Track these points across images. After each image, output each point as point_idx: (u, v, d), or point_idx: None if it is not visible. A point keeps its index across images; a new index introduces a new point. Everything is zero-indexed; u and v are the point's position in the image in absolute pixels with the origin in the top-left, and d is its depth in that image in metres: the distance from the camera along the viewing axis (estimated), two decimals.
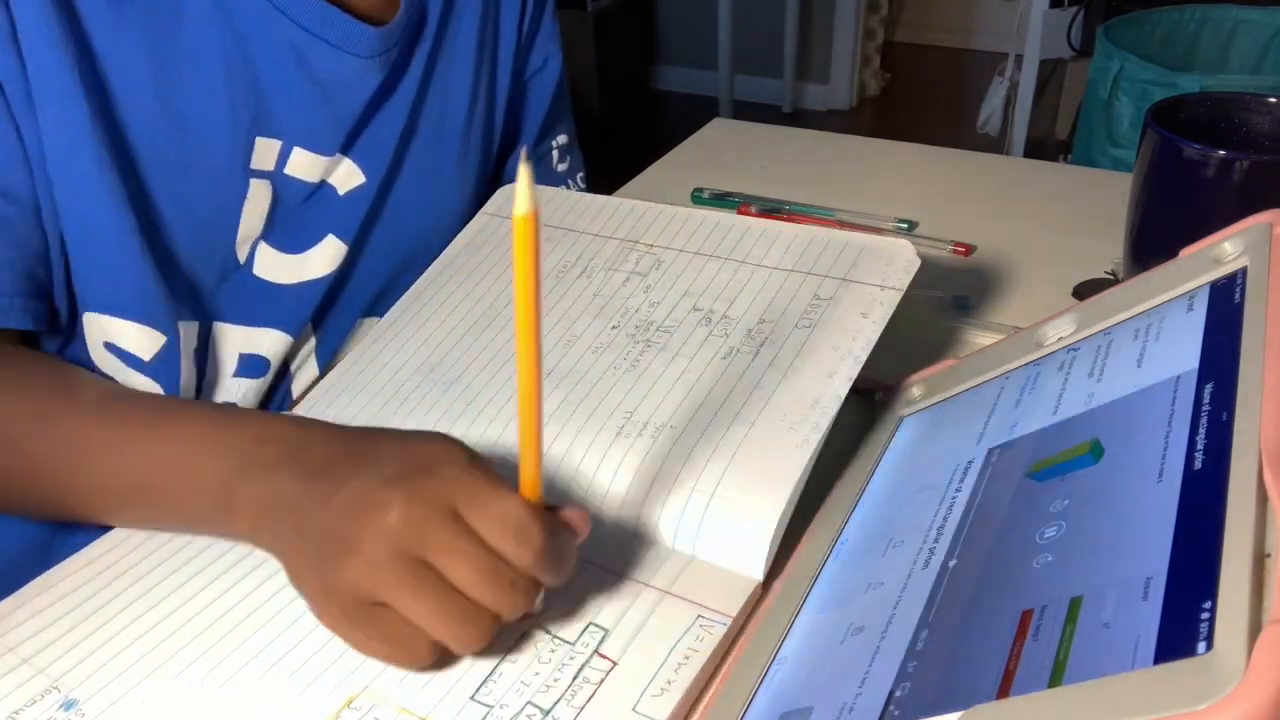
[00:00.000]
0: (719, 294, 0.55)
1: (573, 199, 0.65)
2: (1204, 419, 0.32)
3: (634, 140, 3.27)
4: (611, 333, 0.55)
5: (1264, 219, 0.39)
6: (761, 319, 0.53)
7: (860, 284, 0.53)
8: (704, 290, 0.55)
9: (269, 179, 0.56)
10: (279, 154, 0.56)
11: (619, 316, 0.56)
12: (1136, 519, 0.31)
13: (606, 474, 0.48)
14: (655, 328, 0.54)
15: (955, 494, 0.40)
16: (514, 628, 0.41)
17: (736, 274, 0.56)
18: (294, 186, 0.58)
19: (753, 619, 0.42)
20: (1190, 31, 1.95)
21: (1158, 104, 0.58)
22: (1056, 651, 0.28)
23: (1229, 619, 0.25)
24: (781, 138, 0.99)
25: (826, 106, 3.45)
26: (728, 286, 0.55)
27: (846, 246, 0.55)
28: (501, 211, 0.67)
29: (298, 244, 0.60)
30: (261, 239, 0.58)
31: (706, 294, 0.55)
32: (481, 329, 0.58)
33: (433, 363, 0.57)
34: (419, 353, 0.58)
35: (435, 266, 0.65)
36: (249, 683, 0.40)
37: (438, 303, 0.62)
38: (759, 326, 0.52)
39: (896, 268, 0.53)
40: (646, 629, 0.41)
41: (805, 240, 0.56)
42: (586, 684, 0.39)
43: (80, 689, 0.40)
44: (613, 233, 0.62)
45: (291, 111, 0.56)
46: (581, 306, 0.57)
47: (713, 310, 0.54)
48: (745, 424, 0.47)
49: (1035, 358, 0.45)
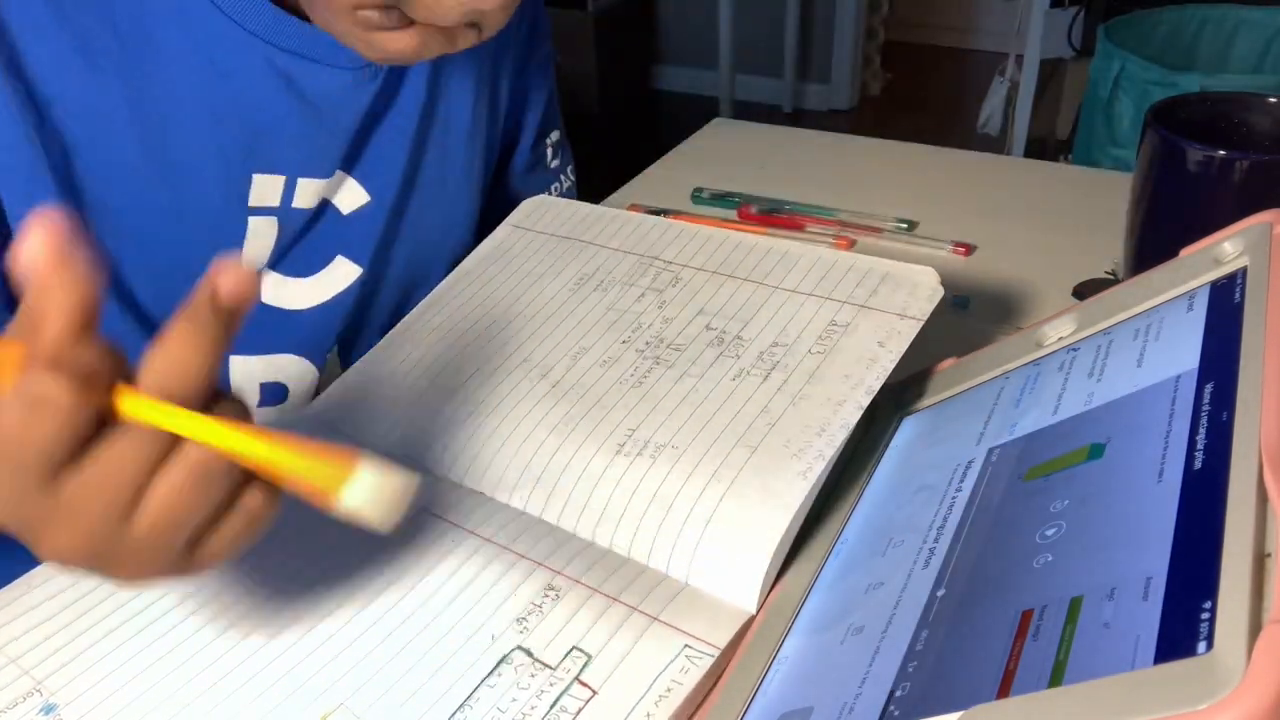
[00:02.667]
0: (734, 314, 0.54)
1: (595, 213, 0.65)
2: (1204, 419, 0.32)
3: (634, 140, 3.27)
4: (621, 347, 0.54)
5: (1264, 219, 0.39)
6: (775, 342, 0.51)
7: (879, 311, 0.51)
8: (719, 310, 0.55)
9: (274, 215, 0.55)
10: (284, 189, 0.55)
11: (630, 331, 0.55)
12: (1136, 519, 0.31)
13: (604, 492, 0.47)
14: (666, 345, 0.54)
15: (955, 494, 0.40)
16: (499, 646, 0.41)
17: (753, 295, 0.55)
18: (300, 215, 0.57)
19: (754, 619, 0.42)
20: (1190, 31, 1.95)
21: (1158, 104, 0.58)
22: (1056, 651, 0.28)
23: (1229, 619, 0.25)
24: (782, 138, 0.99)
25: (827, 106, 3.45)
26: (743, 307, 0.54)
27: (869, 273, 0.53)
28: (525, 224, 0.67)
29: (306, 267, 0.59)
30: (269, 268, 0.57)
31: (721, 314, 0.54)
32: (491, 336, 0.58)
33: (437, 369, 0.58)
34: (425, 358, 0.58)
35: (453, 276, 0.65)
36: (226, 694, 0.40)
37: (449, 311, 0.61)
38: (771, 350, 0.51)
39: (919, 296, 0.51)
40: (631, 657, 0.40)
41: (827, 264, 0.55)
42: (564, 713, 0.38)
43: (61, 693, 0.40)
44: (632, 248, 0.62)
45: (287, 141, 0.54)
46: (594, 319, 0.57)
47: (725, 330, 0.53)
48: (748, 448, 0.46)
49: (1035, 358, 0.45)
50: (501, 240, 0.66)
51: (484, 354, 0.57)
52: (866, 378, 0.48)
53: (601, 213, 0.65)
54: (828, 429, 0.46)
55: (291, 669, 0.41)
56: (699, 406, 0.49)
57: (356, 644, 0.42)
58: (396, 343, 0.60)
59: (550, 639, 0.41)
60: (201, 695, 0.40)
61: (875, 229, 0.79)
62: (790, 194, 0.84)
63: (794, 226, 0.80)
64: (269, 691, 0.40)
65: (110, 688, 0.40)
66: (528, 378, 0.54)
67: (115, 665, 0.41)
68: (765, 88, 3.44)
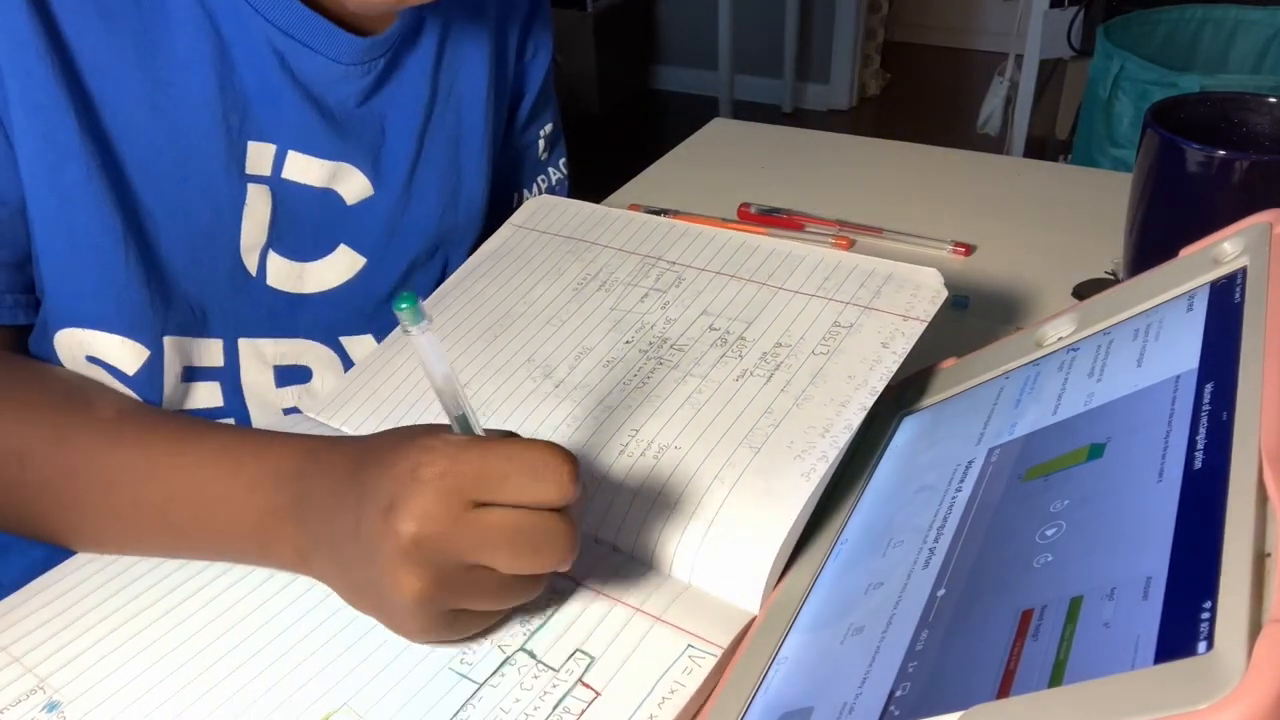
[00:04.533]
0: (737, 314, 0.54)
1: (599, 213, 0.65)
2: (1204, 419, 0.32)
3: (634, 140, 3.27)
4: (625, 347, 0.54)
5: (1264, 219, 0.39)
6: (778, 343, 0.52)
7: (883, 312, 0.51)
8: (722, 310, 0.55)
9: (267, 184, 0.56)
10: (274, 158, 0.56)
11: (634, 332, 0.55)
12: (1136, 519, 0.31)
13: (607, 492, 0.47)
14: (669, 345, 0.54)
15: (955, 494, 0.40)
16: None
17: (756, 295, 0.55)
18: (295, 191, 0.57)
19: (753, 620, 0.42)
20: (1190, 31, 1.95)
21: (1158, 104, 0.58)
22: (1056, 651, 0.28)
23: (1229, 618, 0.25)
24: (781, 138, 0.99)
25: (826, 106, 3.45)
26: (747, 307, 0.54)
27: (873, 274, 0.54)
28: (528, 223, 0.67)
29: (307, 252, 0.59)
30: (270, 248, 0.58)
31: (724, 314, 0.55)
32: (494, 336, 0.58)
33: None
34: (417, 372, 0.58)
35: (456, 274, 0.65)
36: (229, 693, 0.40)
37: (453, 310, 0.61)
38: (775, 350, 0.51)
39: (922, 297, 0.51)
40: (635, 658, 0.40)
41: (830, 265, 0.55)
42: (567, 714, 0.38)
43: (65, 690, 0.40)
44: (636, 248, 0.62)
45: (279, 114, 0.55)
46: (598, 319, 0.57)
47: (729, 331, 0.53)
48: (751, 449, 0.46)
49: (1035, 358, 0.45)
50: (505, 240, 0.66)
51: (487, 353, 0.57)
52: (870, 379, 0.48)
53: (605, 213, 0.65)
54: (831, 430, 0.46)
55: (295, 668, 0.41)
56: (702, 408, 0.49)
57: (360, 644, 0.42)
58: (400, 341, 0.60)
59: (554, 641, 0.41)
60: (205, 694, 0.40)
61: (875, 229, 0.79)
62: (790, 194, 0.84)
63: (793, 226, 0.80)
64: (272, 691, 0.40)
65: (113, 686, 0.40)
66: (531, 377, 0.55)
67: (119, 663, 0.41)
68: (765, 88, 3.44)
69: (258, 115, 0.55)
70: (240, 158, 0.55)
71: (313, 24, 0.54)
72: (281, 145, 0.56)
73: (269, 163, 0.56)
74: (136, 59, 0.50)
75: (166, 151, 0.52)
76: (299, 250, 0.59)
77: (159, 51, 0.51)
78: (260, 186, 0.56)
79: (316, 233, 0.59)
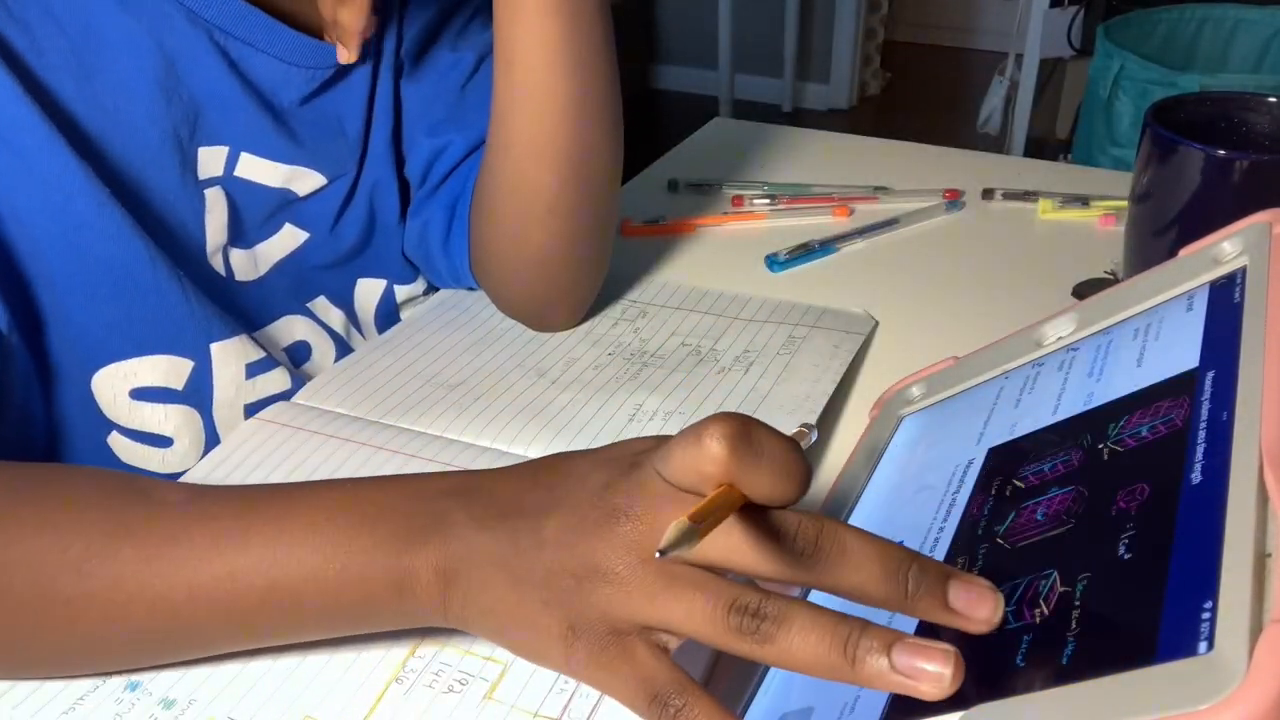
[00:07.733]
0: (705, 333, 0.63)
1: None
2: (1204, 418, 0.32)
3: (634, 140, 3.26)
4: (608, 358, 0.61)
5: (1263, 219, 0.39)
6: (746, 349, 0.61)
7: (828, 329, 0.63)
8: (690, 331, 0.63)
9: (220, 185, 0.56)
10: (226, 158, 0.56)
11: (614, 347, 0.62)
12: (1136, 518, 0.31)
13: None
14: (650, 355, 0.61)
15: (955, 494, 0.40)
16: None
17: (716, 323, 0.64)
18: (248, 189, 0.57)
19: None
20: (1190, 31, 1.96)
21: (1158, 104, 0.58)
22: (1057, 651, 0.28)
23: (1229, 619, 0.24)
24: (781, 137, 0.99)
25: (827, 106, 3.45)
26: (710, 330, 0.63)
27: (810, 308, 0.65)
28: None
29: (256, 240, 0.60)
30: (230, 247, 0.58)
31: (693, 334, 0.63)
32: (481, 350, 0.62)
33: (434, 370, 0.60)
34: (419, 362, 0.61)
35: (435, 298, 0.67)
36: (316, 668, 0.40)
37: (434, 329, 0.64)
38: (745, 354, 0.61)
39: (857, 320, 0.64)
40: None
41: (773, 304, 0.66)
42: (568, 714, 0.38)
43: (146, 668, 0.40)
44: None
45: (230, 116, 0.55)
46: (576, 339, 0.63)
47: (700, 345, 0.62)
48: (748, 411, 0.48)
49: (1035, 357, 0.45)
50: None
51: (478, 361, 0.61)
52: (832, 365, 0.59)
53: None
54: (811, 396, 0.56)
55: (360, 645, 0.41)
56: (694, 389, 0.57)
57: None
58: (384, 347, 0.62)
59: None
60: (295, 670, 0.40)
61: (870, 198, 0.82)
62: (789, 193, 0.84)
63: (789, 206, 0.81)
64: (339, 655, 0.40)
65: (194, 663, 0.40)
66: (525, 377, 0.58)
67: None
68: (765, 87, 3.44)
69: (209, 120, 0.54)
70: (194, 166, 0.55)
71: (256, 22, 0.54)
72: (234, 147, 0.56)
73: (221, 164, 0.56)
74: (76, 89, 0.49)
75: (125, 173, 0.52)
76: (251, 239, 0.59)
77: (95, 77, 0.50)
78: (214, 189, 0.56)
79: (267, 222, 0.60)
